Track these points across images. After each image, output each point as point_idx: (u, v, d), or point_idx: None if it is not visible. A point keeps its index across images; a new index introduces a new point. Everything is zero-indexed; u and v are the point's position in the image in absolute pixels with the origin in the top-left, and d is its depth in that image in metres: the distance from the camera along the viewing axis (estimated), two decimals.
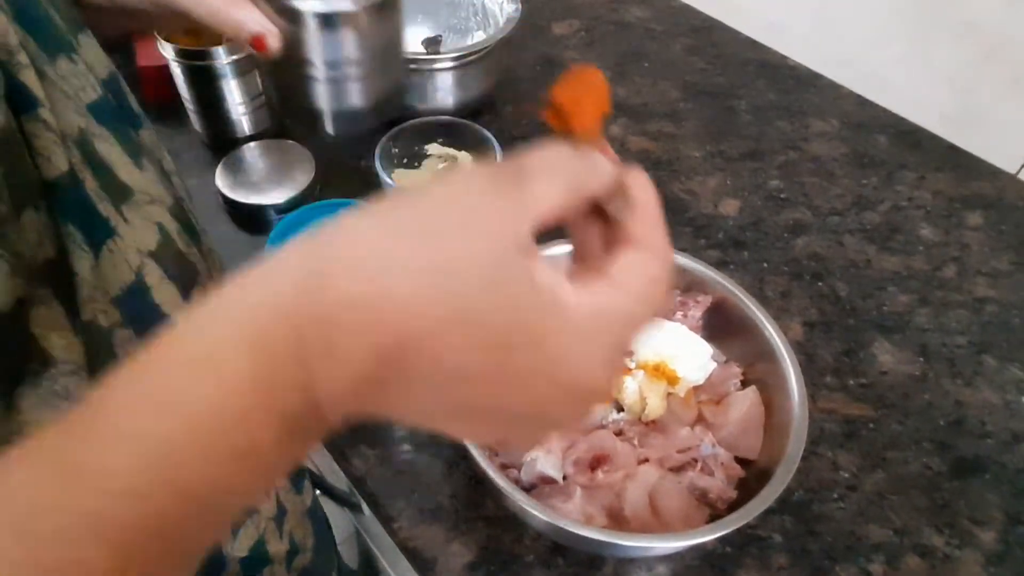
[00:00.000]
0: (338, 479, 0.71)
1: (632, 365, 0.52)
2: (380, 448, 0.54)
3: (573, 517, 0.44)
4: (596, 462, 0.47)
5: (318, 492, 0.68)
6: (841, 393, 0.58)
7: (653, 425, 0.50)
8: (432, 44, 0.83)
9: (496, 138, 0.68)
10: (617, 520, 0.46)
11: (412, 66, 0.73)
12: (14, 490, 0.18)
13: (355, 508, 0.74)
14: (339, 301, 0.20)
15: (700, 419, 0.51)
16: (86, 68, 0.31)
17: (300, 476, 0.49)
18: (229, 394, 0.19)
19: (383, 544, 0.78)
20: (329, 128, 0.53)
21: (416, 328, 0.20)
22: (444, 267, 0.20)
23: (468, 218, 0.21)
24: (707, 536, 0.42)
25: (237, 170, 0.70)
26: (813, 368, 0.60)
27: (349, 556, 0.87)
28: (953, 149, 0.80)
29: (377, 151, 0.66)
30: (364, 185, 0.72)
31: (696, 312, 0.55)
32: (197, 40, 0.71)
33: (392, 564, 0.78)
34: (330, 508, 0.73)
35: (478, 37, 0.83)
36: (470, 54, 0.72)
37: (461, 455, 0.53)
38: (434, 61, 0.72)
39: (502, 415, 0.23)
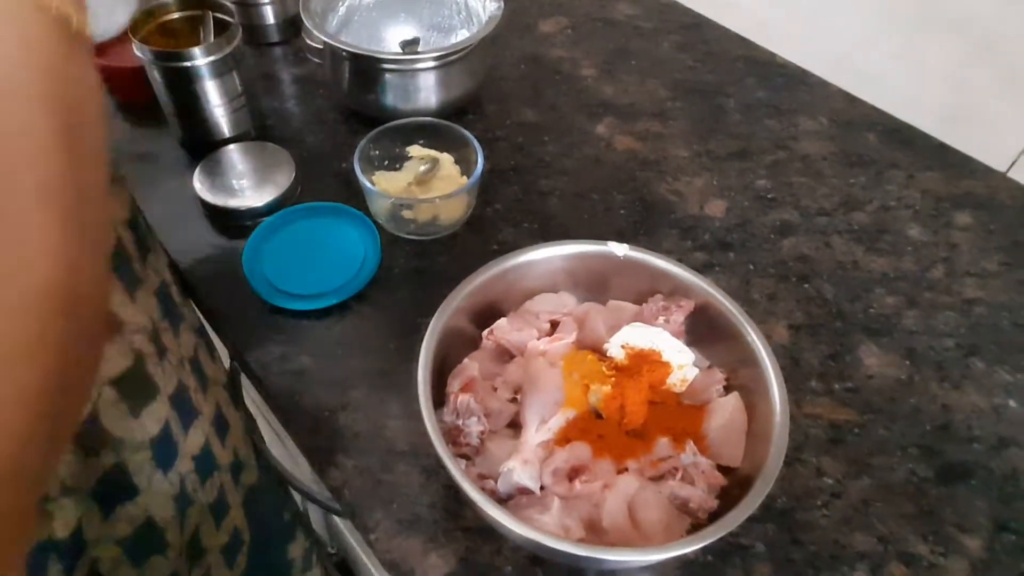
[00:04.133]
0: (321, 487, 0.70)
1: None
2: (358, 458, 0.53)
3: (550, 529, 0.44)
4: (574, 472, 0.47)
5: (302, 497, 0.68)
6: (826, 398, 0.58)
7: (633, 433, 0.49)
8: (409, 45, 0.82)
9: (479, 139, 0.67)
10: (595, 531, 0.45)
11: (393, 66, 0.71)
12: None
13: (340, 514, 0.73)
14: None
15: (682, 426, 0.50)
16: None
17: (237, 393, 0.50)
18: None
19: (368, 551, 0.77)
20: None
21: None
22: None
23: None
24: (685, 548, 0.41)
25: (215, 173, 0.69)
26: (799, 372, 0.59)
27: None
28: (943, 147, 0.79)
29: (357, 153, 0.65)
30: (345, 187, 0.71)
31: (679, 317, 0.54)
32: (173, 42, 0.70)
33: (378, 572, 0.77)
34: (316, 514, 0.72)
35: (461, 36, 0.82)
36: (452, 53, 0.71)
37: (439, 464, 0.52)
38: (415, 61, 0.71)
39: None
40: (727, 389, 0.52)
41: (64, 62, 0.23)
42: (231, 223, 0.68)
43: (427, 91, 0.73)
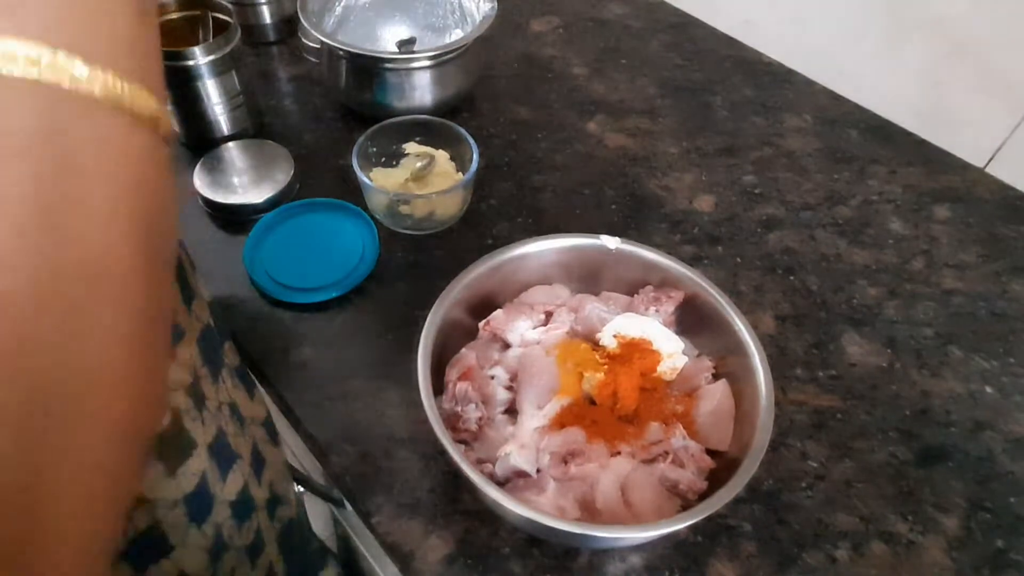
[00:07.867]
0: (319, 475, 0.71)
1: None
2: (359, 444, 0.54)
3: (546, 510, 0.45)
4: (569, 456, 0.48)
5: (300, 489, 0.69)
6: (811, 385, 0.60)
7: (625, 418, 0.51)
8: (406, 45, 0.83)
9: (474, 136, 0.69)
10: (590, 512, 0.47)
11: (389, 65, 0.73)
12: None
13: (338, 503, 0.74)
14: None
15: (672, 411, 0.52)
16: None
17: (274, 430, 0.50)
18: None
19: (365, 538, 0.79)
20: None
21: None
22: None
23: None
24: (674, 526, 0.43)
25: (215, 170, 0.70)
26: (784, 361, 0.61)
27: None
28: (923, 144, 0.81)
29: (355, 150, 0.66)
30: (342, 184, 0.72)
31: (669, 307, 0.56)
32: (173, 41, 0.71)
33: (375, 557, 0.79)
34: (311, 508, 0.73)
35: (456, 35, 0.84)
36: (447, 52, 0.73)
37: (439, 450, 0.54)
38: (411, 60, 0.73)
39: None
40: (715, 376, 0.54)
41: (152, 173, 0.21)
42: (231, 219, 0.69)
43: (423, 89, 0.75)
